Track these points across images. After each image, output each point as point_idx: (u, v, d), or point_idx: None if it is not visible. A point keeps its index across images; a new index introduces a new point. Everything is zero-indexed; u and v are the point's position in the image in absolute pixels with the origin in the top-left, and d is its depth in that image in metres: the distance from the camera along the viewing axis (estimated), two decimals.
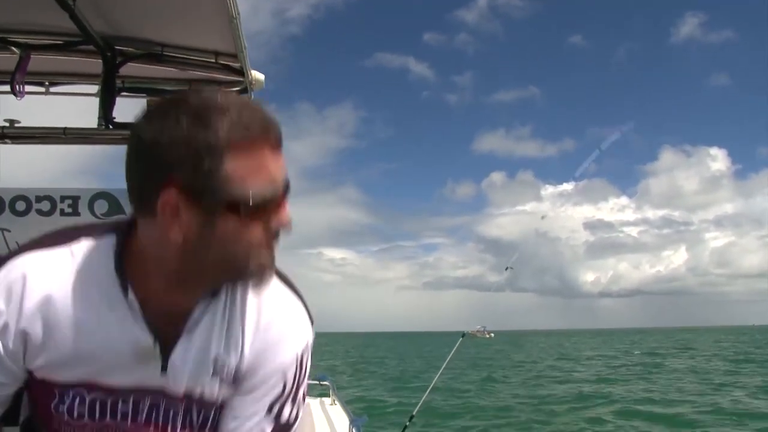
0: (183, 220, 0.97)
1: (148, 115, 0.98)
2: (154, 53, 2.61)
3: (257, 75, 2.79)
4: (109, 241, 1.08)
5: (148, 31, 2.55)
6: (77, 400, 1.12)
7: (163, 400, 1.16)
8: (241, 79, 2.74)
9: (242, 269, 1.02)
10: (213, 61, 2.65)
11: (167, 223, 0.97)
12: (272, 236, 1.03)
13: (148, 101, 2.87)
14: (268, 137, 0.98)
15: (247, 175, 0.96)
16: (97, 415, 1.15)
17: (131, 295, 1.06)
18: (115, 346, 1.07)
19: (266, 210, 0.99)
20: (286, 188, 1.02)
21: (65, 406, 1.13)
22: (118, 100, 2.64)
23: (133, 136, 0.99)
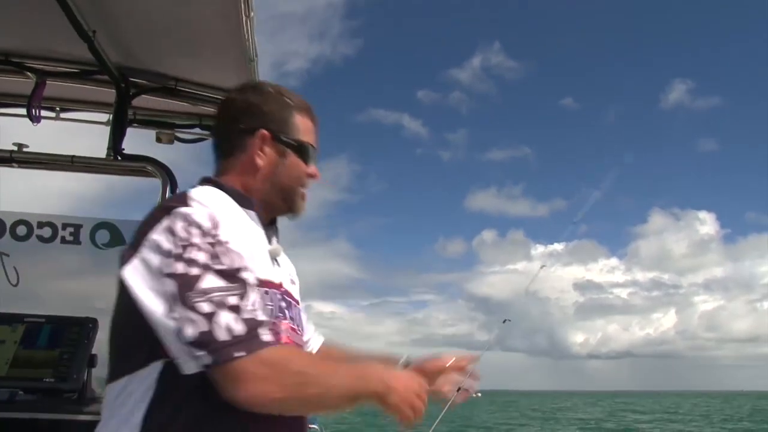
0: (266, 152, 1.49)
1: (241, 88, 1.54)
2: (167, 87, 2.64)
3: None
4: (210, 185, 1.44)
5: (164, 65, 2.58)
6: (268, 300, 1.38)
7: (291, 302, 1.52)
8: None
9: (294, 199, 1.53)
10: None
11: (256, 153, 1.48)
12: (310, 180, 1.55)
13: (157, 134, 2.89)
14: (314, 116, 1.59)
15: (305, 131, 1.54)
16: (286, 313, 1.45)
17: (255, 209, 1.48)
18: (262, 248, 1.44)
19: (312, 160, 1.55)
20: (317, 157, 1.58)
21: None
22: (130, 132, 2.64)
23: (228, 100, 1.54)
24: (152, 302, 1.21)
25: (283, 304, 1.46)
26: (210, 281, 1.21)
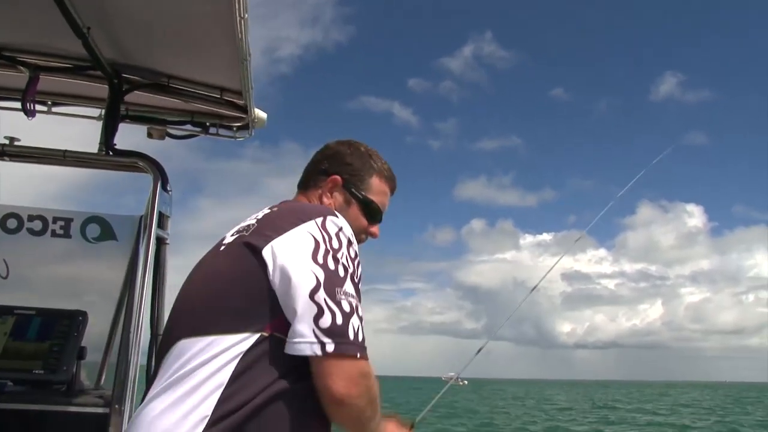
0: (334, 196, 1.69)
1: (340, 141, 1.78)
2: (160, 84, 2.65)
3: (260, 113, 2.83)
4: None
5: (157, 62, 2.59)
6: None
7: None
8: (244, 116, 2.79)
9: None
10: (218, 96, 2.70)
11: (326, 195, 1.68)
12: (369, 236, 1.75)
13: (149, 130, 2.91)
14: (395, 186, 1.81)
15: (378, 193, 1.73)
16: None
17: None
18: None
19: (373, 218, 1.73)
20: (381, 219, 1.76)
21: None
22: (120, 127, 2.65)
23: (325, 146, 1.78)
24: (305, 278, 1.32)
25: None
26: (350, 286, 1.37)
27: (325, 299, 1.31)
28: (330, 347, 1.28)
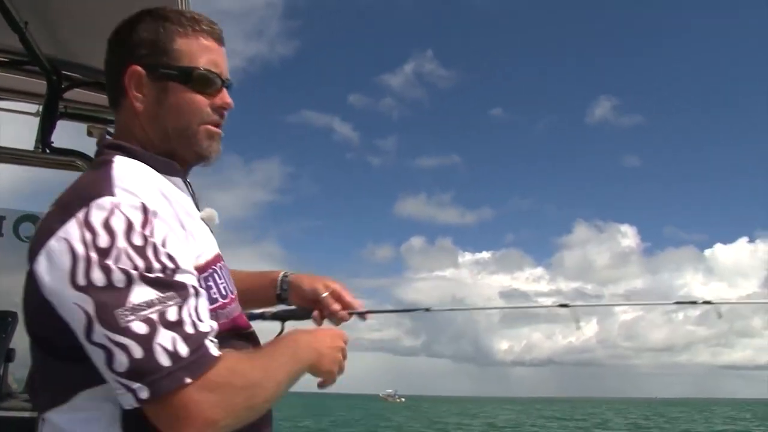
0: (144, 91, 1.22)
1: (125, 20, 1.28)
2: (100, 82, 2.61)
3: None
4: (123, 153, 1.20)
5: (98, 60, 2.54)
6: (218, 278, 1.20)
7: (225, 266, 1.30)
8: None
9: (194, 141, 1.25)
10: None
11: (132, 95, 1.22)
12: (217, 113, 1.28)
13: (88, 128, 2.86)
14: (213, 30, 1.29)
15: (193, 53, 1.24)
16: (230, 289, 1.26)
17: (180, 174, 1.27)
18: (198, 222, 1.24)
19: (210, 86, 1.26)
20: (229, 82, 1.30)
21: (216, 289, 1.20)
22: (59, 124, 2.61)
23: (110, 36, 1.29)
24: (73, 318, 0.98)
25: (227, 271, 1.28)
26: (142, 293, 0.98)
27: (106, 336, 0.95)
28: (144, 393, 0.96)
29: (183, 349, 0.98)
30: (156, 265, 1.01)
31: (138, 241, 1.01)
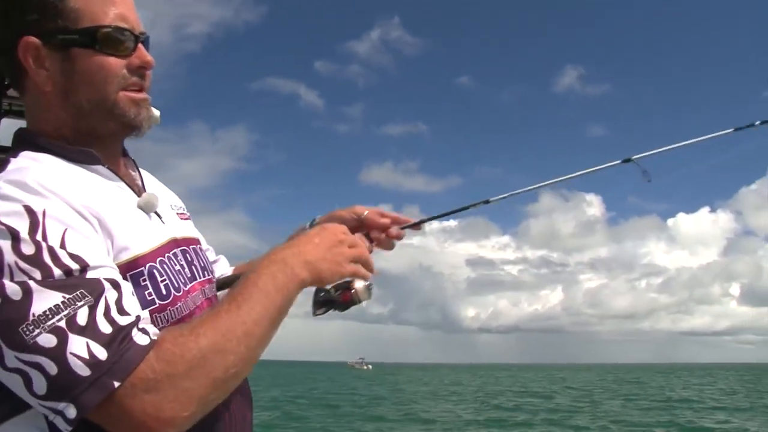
0: (47, 65, 1.05)
1: None
2: None
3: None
4: (29, 148, 1.06)
5: None
6: (158, 274, 1.05)
7: (192, 250, 1.20)
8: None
9: (117, 112, 1.09)
10: None
11: (34, 72, 1.05)
12: (136, 75, 1.11)
13: None
14: None
15: (94, 10, 1.05)
16: (193, 270, 1.16)
17: (102, 161, 1.11)
18: (129, 212, 1.08)
19: (121, 45, 1.08)
20: (144, 36, 1.12)
21: (167, 283, 1.06)
22: (4, 122, 2.55)
23: None
24: None
25: (185, 261, 1.15)
26: (44, 301, 0.85)
27: (17, 358, 0.84)
28: (71, 411, 0.84)
29: (101, 353, 0.85)
30: (56, 270, 0.87)
31: (28, 249, 0.87)
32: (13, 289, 0.85)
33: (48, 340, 0.84)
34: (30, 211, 0.90)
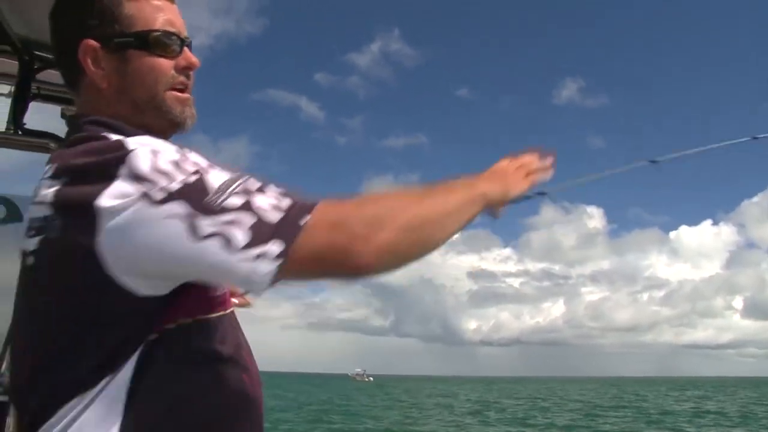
0: (103, 66, 1.15)
1: None
2: None
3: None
4: (105, 128, 1.11)
5: None
6: None
7: None
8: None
9: (166, 109, 1.18)
10: None
11: (92, 72, 1.15)
12: (183, 75, 1.21)
13: (63, 110, 2.81)
14: None
15: (146, 16, 1.16)
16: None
17: None
18: None
19: (170, 48, 1.18)
20: (189, 40, 1.22)
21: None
22: (32, 106, 2.56)
23: (50, 14, 1.19)
24: (164, 240, 0.93)
25: None
26: (218, 178, 0.97)
27: (211, 222, 0.93)
28: (275, 247, 0.94)
29: (285, 202, 0.98)
30: (212, 161, 1.02)
31: (187, 154, 1.00)
32: (188, 175, 0.96)
33: (235, 201, 0.95)
34: (174, 145, 1.03)
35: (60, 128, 2.59)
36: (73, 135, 1.12)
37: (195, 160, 1.00)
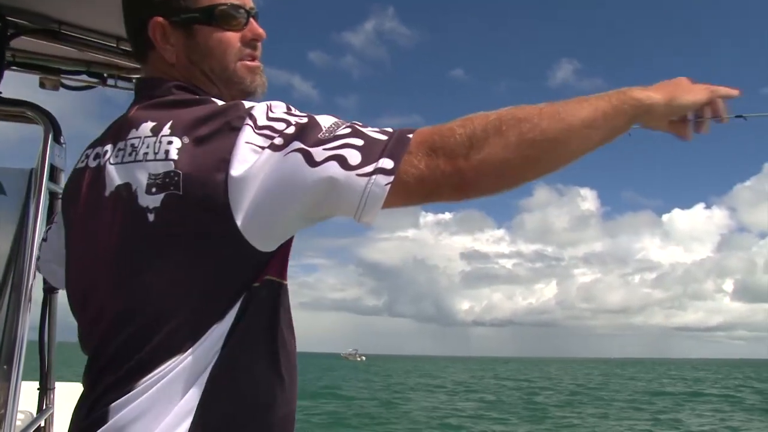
0: (172, 41, 1.22)
1: None
2: (50, 29, 2.48)
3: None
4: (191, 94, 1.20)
5: (46, 7, 2.42)
6: None
7: None
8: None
9: (237, 80, 1.25)
10: (114, 45, 2.56)
11: (162, 47, 1.22)
12: (250, 47, 1.27)
13: (41, 79, 2.74)
14: None
15: None
16: None
17: None
18: None
19: (236, 20, 1.23)
20: (254, 11, 1.27)
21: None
22: (7, 74, 2.48)
23: None
24: (289, 172, 0.99)
25: None
26: (326, 120, 1.06)
27: (325, 149, 1.00)
28: (387, 163, 0.99)
29: (388, 129, 1.05)
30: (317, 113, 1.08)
31: (292, 108, 1.09)
32: (302, 116, 1.05)
33: (346, 130, 1.03)
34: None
35: (36, 97, 2.53)
36: (163, 97, 1.18)
37: (302, 112, 1.08)
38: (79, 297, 1.19)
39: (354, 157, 0.99)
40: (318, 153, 0.99)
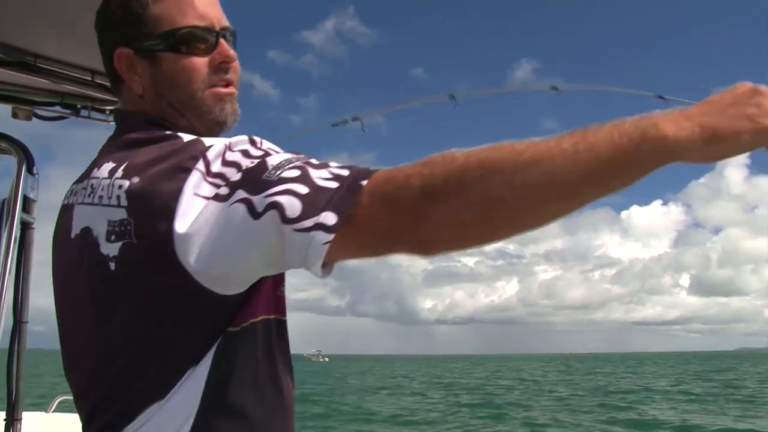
0: (139, 71, 1.16)
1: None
2: (25, 62, 2.51)
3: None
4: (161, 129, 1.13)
5: (21, 40, 2.44)
6: None
7: None
8: (117, 99, 2.71)
9: (205, 109, 1.16)
10: (89, 79, 2.59)
11: (129, 78, 1.17)
12: (221, 71, 1.17)
13: (13, 109, 2.75)
14: None
15: (172, 13, 1.13)
16: None
17: None
18: None
19: (201, 44, 1.14)
20: (225, 31, 1.18)
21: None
22: None
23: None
24: (231, 225, 0.92)
25: None
26: (275, 158, 0.95)
27: (267, 195, 0.90)
28: (330, 219, 0.87)
29: (343, 171, 0.92)
30: (276, 148, 1.01)
31: (257, 143, 1.01)
32: (255, 158, 0.96)
33: (291, 173, 0.92)
34: (251, 137, 1.02)
35: (8, 128, 2.55)
36: (129, 133, 1.13)
37: (266, 147, 1.00)
38: (62, 333, 1.18)
39: (294, 208, 0.88)
40: (259, 202, 0.90)
